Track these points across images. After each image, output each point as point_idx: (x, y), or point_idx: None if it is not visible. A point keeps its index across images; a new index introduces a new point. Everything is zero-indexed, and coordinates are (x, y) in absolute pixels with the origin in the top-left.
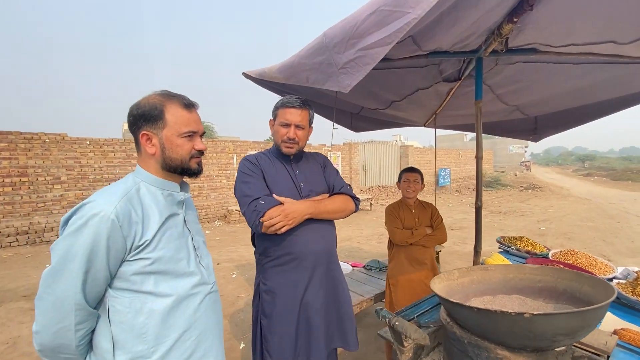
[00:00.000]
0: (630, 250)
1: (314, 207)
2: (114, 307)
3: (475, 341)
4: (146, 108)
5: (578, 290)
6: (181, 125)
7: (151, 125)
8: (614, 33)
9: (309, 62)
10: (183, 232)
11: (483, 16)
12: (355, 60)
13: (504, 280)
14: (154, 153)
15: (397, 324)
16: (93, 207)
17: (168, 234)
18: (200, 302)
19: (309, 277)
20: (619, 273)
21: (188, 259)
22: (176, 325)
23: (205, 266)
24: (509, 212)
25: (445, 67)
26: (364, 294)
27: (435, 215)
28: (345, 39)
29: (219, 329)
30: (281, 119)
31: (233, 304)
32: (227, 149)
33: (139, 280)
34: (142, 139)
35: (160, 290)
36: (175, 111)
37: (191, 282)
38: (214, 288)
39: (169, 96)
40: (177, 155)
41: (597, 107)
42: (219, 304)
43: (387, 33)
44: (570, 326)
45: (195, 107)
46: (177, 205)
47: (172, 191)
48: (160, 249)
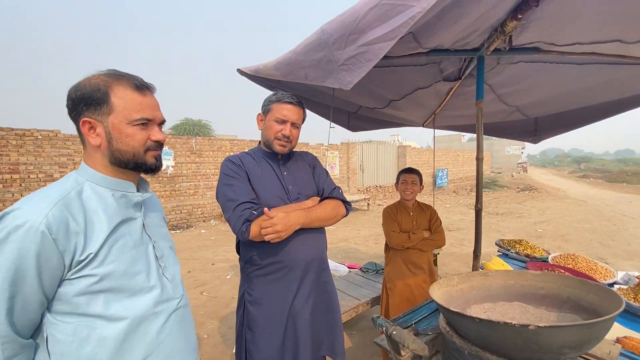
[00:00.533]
0: (627, 253)
1: (305, 216)
2: (54, 336)
3: (476, 352)
4: (87, 90)
5: (582, 299)
6: (131, 111)
7: (93, 110)
8: (621, 32)
9: (307, 58)
10: (141, 240)
11: (487, 12)
12: (357, 57)
13: (505, 286)
14: (98, 145)
15: (394, 333)
16: (16, 216)
17: (120, 244)
18: (165, 322)
19: (297, 286)
20: (619, 278)
21: (148, 271)
22: (134, 352)
23: (171, 278)
24: (506, 213)
25: (445, 65)
26: (360, 297)
27: (434, 218)
28: (346, 34)
29: (189, 349)
30: (277, 114)
31: (227, 306)
32: (224, 147)
33: (85, 301)
34: (83, 127)
35: (112, 313)
36: (124, 94)
37: (151, 299)
38: (181, 303)
39: (116, 76)
40: (128, 147)
41: (598, 109)
42: (189, 321)
43: (391, 27)
44: (578, 339)
45: (150, 90)
46: (133, 208)
47: (125, 192)
48: (110, 262)
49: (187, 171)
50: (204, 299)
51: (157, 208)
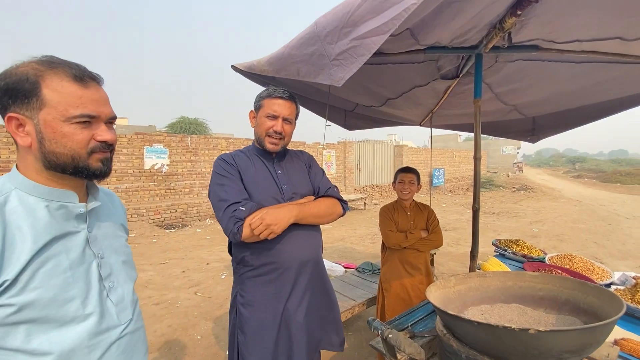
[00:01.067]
0: (621, 253)
1: (298, 210)
2: None
3: (474, 356)
4: (13, 79)
5: (582, 301)
6: (68, 106)
7: (21, 104)
8: (621, 29)
9: (299, 53)
10: (82, 258)
11: (486, 8)
12: (349, 51)
13: (503, 288)
14: (28, 145)
15: (390, 336)
16: None
17: (50, 266)
18: (102, 355)
19: (290, 288)
20: (616, 279)
21: (85, 296)
22: None
23: (117, 301)
24: (502, 213)
25: (443, 63)
26: (356, 298)
27: (432, 218)
28: (338, 27)
29: None
30: (268, 110)
31: (221, 306)
32: (220, 145)
33: (1, 334)
34: (9, 124)
35: (35, 347)
36: (59, 85)
37: (86, 329)
38: (128, 329)
39: (51, 63)
40: (64, 149)
41: (597, 108)
42: (137, 346)
43: (384, 20)
44: (579, 343)
45: (95, 81)
46: (75, 220)
47: (64, 202)
48: (34, 289)
49: (183, 170)
50: (197, 299)
51: (114, 216)
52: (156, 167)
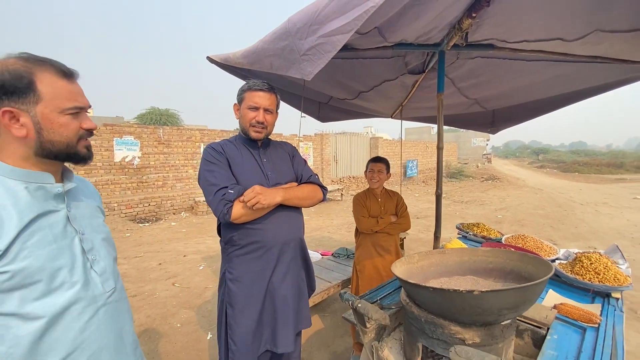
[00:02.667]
0: (573, 235)
1: (285, 192)
2: None
3: (431, 319)
4: (7, 77)
5: (523, 270)
6: (63, 100)
7: (17, 99)
8: (561, 30)
9: (272, 47)
10: (64, 233)
11: (445, 10)
12: (317, 47)
13: (460, 262)
14: (24, 136)
15: (359, 306)
16: None
17: (37, 239)
18: (91, 318)
19: (275, 264)
20: (561, 254)
21: (71, 266)
22: (54, 350)
23: (100, 271)
24: (470, 201)
25: (410, 59)
26: (332, 280)
27: (400, 204)
28: (308, 24)
29: (124, 343)
30: (249, 102)
31: (200, 296)
32: (194, 137)
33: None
34: (3, 118)
35: (28, 311)
36: (52, 81)
37: (74, 295)
38: (113, 297)
39: (38, 61)
40: (61, 137)
41: (547, 102)
42: (123, 313)
43: (347, 20)
44: (514, 301)
45: (75, 76)
46: (54, 200)
47: (42, 183)
48: (24, 258)
49: (155, 162)
50: (175, 289)
51: (91, 197)
52: (127, 159)
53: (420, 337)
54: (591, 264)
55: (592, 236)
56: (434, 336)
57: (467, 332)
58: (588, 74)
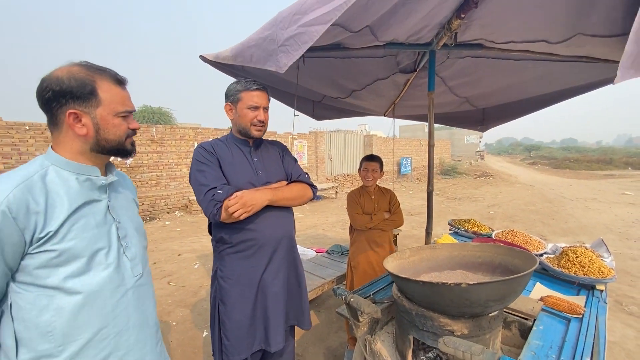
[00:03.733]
0: (563, 230)
1: (272, 194)
2: (17, 303)
3: (422, 312)
4: (73, 84)
5: (510, 263)
6: (117, 104)
7: (81, 103)
8: (545, 33)
9: (256, 37)
10: (105, 220)
11: (433, 10)
12: (295, 37)
13: (450, 257)
14: (84, 134)
15: (352, 300)
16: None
17: (82, 223)
18: (120, 298)
19: (266, 262)
20: (549, 249)
21: (108, 249)
22: (90, 323)
23: (131, 257)
24: (463, 198)
25: (401, 58)
26: (326, 276)
27: (393, 201)
28: (292, 13)
29: (148, 324)
30: (249, 102)
31: (195, 294)
32: (187, 136)
33: (44, 274)
34: (69, 118)
35: (70, 286)
36: (109, 88)
37: (108, 275)
38: (140, 281)
39: (98, 70)
40: (115, 136)
41: (536, 100)
42: (148, 297)
43: (328, 9)
44: (499, 292)
45: (126, 83)
46: (98, 191)
47: (90, 175)
48: (70, 239)
49: (148, 161)
50: (171, 288)
51: (128, 190)
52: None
53: (411, 329)
54: (577, 257)
55: (580, 231)
56: (424, 328)
57: (455, 323)
58: (575, 73)
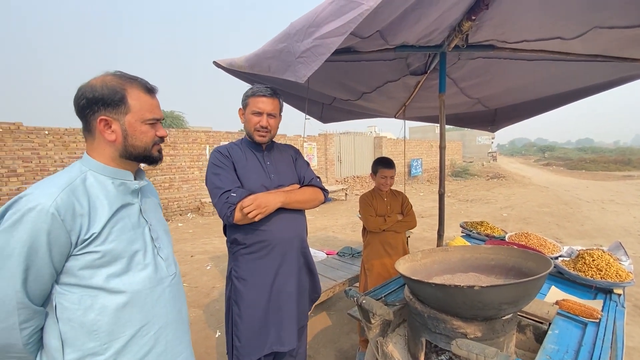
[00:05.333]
0: (579, 233)
1: (285, 196)
2: (62, 304)
3: (434, 314)
4: (105, 91)
5: (524, 266)
6: (145, 112)
7: (111, 110)
8: (559, 29)
9: (271, 49)
10: (139, 223)
11: (444, 13)
12: (312, 50)
13: (462, 259)
14: (114, 140)
15: (364, 302)
16: (29, 200)
17: (120, 226)
18: (159, 296)
19: (279, 263)
20: (564, 252)
21: (144, 250)
22: (132, 321)
23: (165, 257)
24: (475, 200)
25: (412, 60)
26: (337, 278)
27: (406, 203)
28: (305, 26)
29: (182, 320)
30: (253, 107)
31: (208, 295)
32: (199, 139)
33: (88, 275)
34: (99, 124)
35: (112, 286)
36: (139, 96)
37: (147, 275)
38: (174, 280)
39: (129, 79)
40: (141, 142)
41: (549, 100)
42: (181, 295)
43: (342, 23)
44: (513, 295)
45: (155, 92)
46: (131, 195)
47: (124, 180)
48: (111, 241)
49: (161, 164)
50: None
51: (154, 195)
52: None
53: (423, 332)
54: (593, 260)
55: (597, 234)
56: (436, 331)
57: (468, 326)
58: (589, 72)
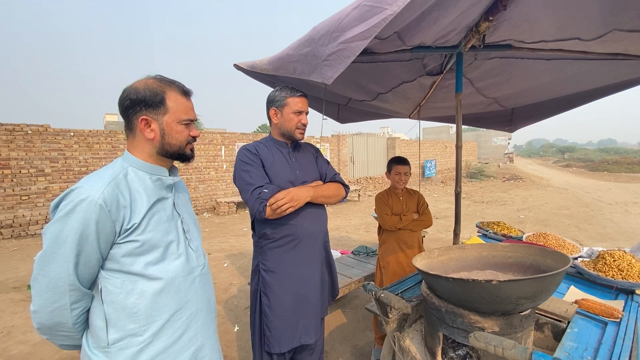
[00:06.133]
0: (601, 236)
1: (314, 191)
2: (106, 288)
3: (451, 309)
4: (147, 93)
5: (542, 263)
6: (181, 113)
7: (152, 110)
8: (578, 31)
9: (296, 53)
10: (172, 216)
11: (462, 14)
12: (337, 53)
13: (479, 257)
14: (152, 138)
15: (382, 295)
16: (81, 192)
17: (157, 217)
18: (191, 284)
19: (306, 255)
20: (584, 252)
21: (177, 241)
22: (167, 306)
23: (195, 249)
24: (491, 201)
25: (428, 61)
26: (353, 276)
27: (421, 202)
28: (330, 31)
29: (210, 309)
30: (294, 107)
31: (226, 291)
32: (215, 140)
33: (129, 262)
34: (140, 123)
35: (150, 273)
36: (176, 98)
37: (180, 264)
38: (204, 270)
39: (168, 82)
40: (177, 141)
41: (568, 99)
42: (210, 284)
43: (366, 27)
44: (531, 290)
45: (191, 95)
46: (166, 189)
47: (160, 176)
48: (149, 231)
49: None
50: None
51: (185, 191)
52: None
53: (440, 326)
54: (614, 261)
55: (620, 236)
56: (454, 325)
57: (486, 321)
58: (610, 71)
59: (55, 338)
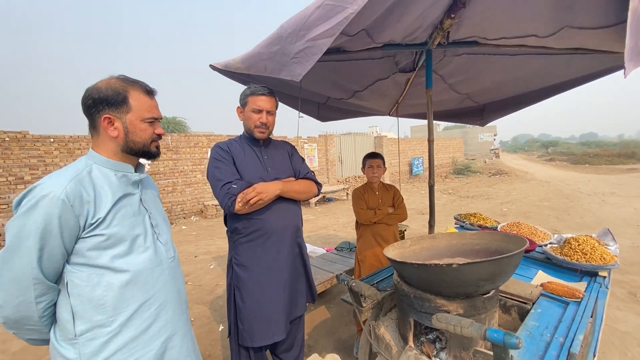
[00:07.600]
0: (578, 225)
1: (283, 185)
2: (72, 281)
3: (419, 295)
4: (109, 92)
5: (505, 248)
6: (145, 111)
7: (114, 109)
8: (533, 28)
9: (266, 51)
10: (139, 211)
11: (424, 12)
12: (305, 51)
13: (449, 245)
14: (116, 136)
15: (353, 285)
16: (43, 188)
17: (122, 212)
18: (159, 276)
19: (277, 250)
20: (554, 239)
21: (145, 235)
22: (135, 297)
23: (164, 242)
24: (476, 196)
25: (400, 58)
26: (334, 271)
27: (397, 196)
28: (297, 30)
29: (181, 300)
30: (253, 105)
31: (212, 292)
32: (201, 143)
33: (95, 255)
34: (103, 122)
35: (117, 265)
36: (139, 97)
37: (148, 257)
38: (173, 263)
39: (131, 82)
40: (141, 139)
41: (536, 93)
42: (180, 276)
43: (330, 26)
44: (489, 272)
45: (154, 94)
46: (132, 186)
47: (126, 172)
48: (115, 225)
49: (164, 169)
50: (188, 287)
51: (153, 188)
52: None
53: (411, 312)
54: (579, 245)
55: (598, 225)
56: (422, 310)
57: (451, 304)
58: (573, 64)
59: (22, 332)
